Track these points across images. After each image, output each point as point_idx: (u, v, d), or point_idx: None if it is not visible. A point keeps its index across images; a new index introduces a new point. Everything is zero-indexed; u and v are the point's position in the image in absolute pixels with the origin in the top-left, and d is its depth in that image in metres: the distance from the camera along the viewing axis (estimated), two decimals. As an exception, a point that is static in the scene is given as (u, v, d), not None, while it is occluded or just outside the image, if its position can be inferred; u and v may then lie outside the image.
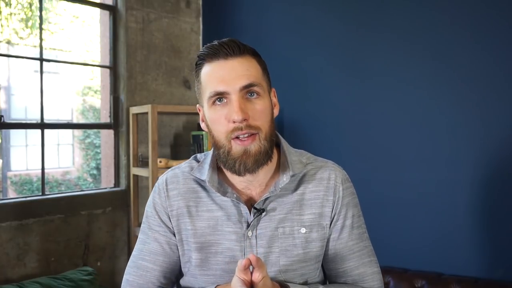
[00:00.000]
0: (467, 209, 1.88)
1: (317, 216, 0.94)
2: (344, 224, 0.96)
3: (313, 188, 0.96)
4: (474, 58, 1.87)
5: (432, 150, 1.98)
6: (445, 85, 1.95)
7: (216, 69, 0.88)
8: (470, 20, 1.88)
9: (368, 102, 2.17)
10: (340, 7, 2.29)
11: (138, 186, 2.53)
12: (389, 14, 2.11)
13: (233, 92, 0.86)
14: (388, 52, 2.11)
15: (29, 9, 6.01)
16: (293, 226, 0.93)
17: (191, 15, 2.85)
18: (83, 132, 6.81)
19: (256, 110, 0.87)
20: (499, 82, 1.82)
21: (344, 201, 0.96)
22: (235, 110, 0.84)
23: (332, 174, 0.97)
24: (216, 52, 0.88)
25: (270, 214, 0.93)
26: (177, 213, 0.96)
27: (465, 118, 1.90)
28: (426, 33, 1.99)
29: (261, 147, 0.87)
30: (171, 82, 2.73)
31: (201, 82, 0.91)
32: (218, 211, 0.94)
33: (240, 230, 0.92)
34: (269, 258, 0.92)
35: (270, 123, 0.90)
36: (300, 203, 0.94)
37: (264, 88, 0.91)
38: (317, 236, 0.94)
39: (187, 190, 0.97)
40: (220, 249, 0.92)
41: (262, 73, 0.92)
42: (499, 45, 1.82)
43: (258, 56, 0.94)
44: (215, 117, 0.88)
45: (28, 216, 2.11)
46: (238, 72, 0.87)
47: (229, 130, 0.86)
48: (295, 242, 0.92)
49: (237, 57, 0.88)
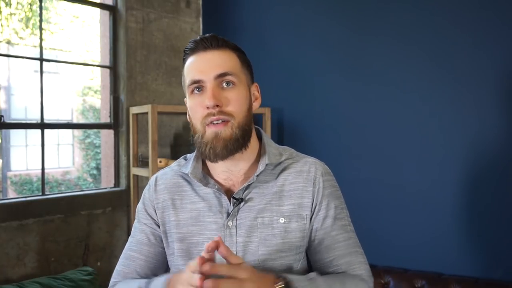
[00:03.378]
0: (467, 209, 1.89)
1: (296, 206, 0.96)
2: (326, 215, 0.97)
3: (293, 180, 0.98)
4: (471, 60, 1.88)
5: (432, 150, 1.98)
6: (443, 86, 1.95)
7: (196, 60, 0.94)
8: (468, 22, 1.89)
9: (368, 102, 2.17)
10: (340, 8, 2.29)
11: (138, 186, 2.53)
12: (388, 15, 2.11)
13: (208, 80, 0.91)
14: (387, 53, 2.11)
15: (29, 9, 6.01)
16: (272, 216, 0.95)
17: (191, 15, 2.85)
18: (83, 132, 6.81)
19: (229, 98, 0.91)
20: (495, 85, 1.82)
21: (325, 191, 0.98)
22: (208, 96, 0.89)
23: (312, 167, 0.99)
24: (196, 45, 0.95)
25: (249, 204, 0.95)
26: (162, 205, 1.01)
27: (465, 118, 1.90)
28: (424, 35, 1.99)
29: (232, 134, 0.90)
30: (171, 82, 2.73)
31: (184, 74, 0.97)
32: (201, 203, 0.97)
33: (220, 220, 0.95)
34: (248, 247, 0.94)
35: (245, 113, 0.94)
36: (279, 194, 0.96)
37: (241, 79, 0.94)
38: (296, 226, 0.95)
39: (173, 184, 1.02)
40: (201, 239, 0.95)
41: (241, 66, 0.96)
42: (496, 49, 1.82)
43: (240, 52, 0.98)
44: (193, 105, 0.93)
45: (28, 216, 2.11)
46: (215, 62, 0.92)
47: (203, 116, 0.91)
48: (274, 232, 0.94)
49: (215, 50, 0.94)
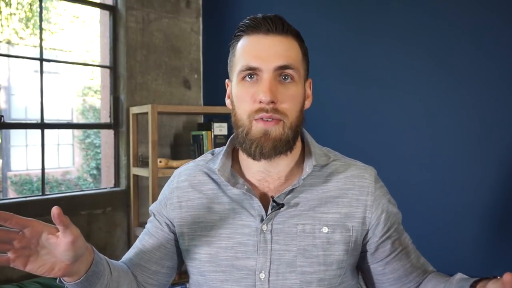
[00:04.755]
0: (467, 209, 1.89)
1: (342, 216, 0.85)
2: (392, 223, 0.88)
3: (342, 186, 0.87)
4: (472, 59, 1.88)
5: (431, 151, 1.98)
6: (444, 86, 1.95)
7: (254, 43, 0.82)
8: (469, 22, 1.88)
9: (368, 103, 2.17)
10: (340, 9, 2.29)
11: (138, 186, 2.53)
12: (389, 16, 2.11)
13: (266, 70, 0.79)
14: (388, 53, 2.11)
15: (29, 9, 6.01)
16: (314, 224, 0.84)
17: (191, 15, 2.85)
18: (83, 132, 6.81)
19: (286, 94, 0.80)
20: (498, 84, 1.82)
21: (383, 200, 0.88)
22: (264, 90, 0.78)
23: (365, 174, 0.89)
24: (257, 26, 0.82)
25: (289, 209, 0.85)
26: (187, 204, 0.91)
27: (464, 118, 1.90)
28: (425, 35, 1.99)
29: (283, 134, 0.80)
30: (171, 82, 2.73)
31: (235, 55, 0.85)
32: (230, 204, 0.87)
33: (253, 224, 0.84)
34: (285, 256, 0.83)
35: (298, 112, 0.84)
36: (324, 200, 0.86)
37: (301, 74, 0.84)
38: (340, 238, 0.84)
39: (198, 182, 0.92)
40: (230, 244, 0.85)
41: (302, 59, 0.86)
42: (496, 50, 1.82)
43: (301, 40, 0.87)
44: (242, 93, 0.82)
45: (28, 216, 2.10)
46: (277, 50, 0.80)
47: (253, 110, 0.80)
48: (315, 242, 0.83)
49: (278, 35, 0.82)
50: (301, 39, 0.87)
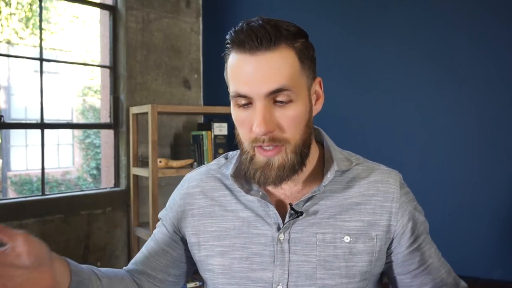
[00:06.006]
0: (467, 209, 1.89)
1: (365, 224, 0.79)
2: (419, 233, 0.84)
3: (365, 192, 0.81)
4: (472, 60, 1.88)
5: (431, 151, 1.98)
6: (444, 86, 1.95)
7: (241, 65, 0.72)
8: (469, 23, 1.89)
9: (368, 104, 2.17)
10: (340, 9, 2.29)
11: (138, 186, 2.53)
12: (389, 17, 2.11)
13: (257, 98, 0.71)
14: (388, 54, 2.11)
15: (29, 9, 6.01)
16: (335, 233, 0.78)
17: (191, 15, 2.85)
18: (83, 132, 6.81)
19: (285, 118, 0.73)
20: (497, 84, 1.82)
21: (409, 207, 0.83)
22: (257, 122, 0.71)
23: (390, 179, 0.83)
24: (242, 43, 0.72)
25: (308, 217, 0.79)
26: (199, 212, 0.86)
27: (464, 119, 1.90)
28: (425, 36, 1.99)
29: (287, 161, 0.74)
30: (171, 82, 2.73)
31: (227, 72, 0.77)
32: (244, 211, 0.82)
33: (269, 233, 0.80)
34: (304, 268, 0.77)
35: (303, 130, 0.76)
36: (346, 207, 0.80)
37: (300, 88, 0.74)
38: (363, 247, 0.78)
39: (211, 188, 0.87)
40: (245, 254, 0.80)
41: (300, 68, 0.74)
42: (496, 51, 1.82)
43: (298, 41, 0.74)
44: (238, 119, 0.76)
45: (28, 216, 2.11)
46: (265, 73, 0.70)
47: (252, 138, 0.74)
48: (336, 252, 0.78)
49: (266, 51, 0.71)
50: (298, 40, 0.75)
